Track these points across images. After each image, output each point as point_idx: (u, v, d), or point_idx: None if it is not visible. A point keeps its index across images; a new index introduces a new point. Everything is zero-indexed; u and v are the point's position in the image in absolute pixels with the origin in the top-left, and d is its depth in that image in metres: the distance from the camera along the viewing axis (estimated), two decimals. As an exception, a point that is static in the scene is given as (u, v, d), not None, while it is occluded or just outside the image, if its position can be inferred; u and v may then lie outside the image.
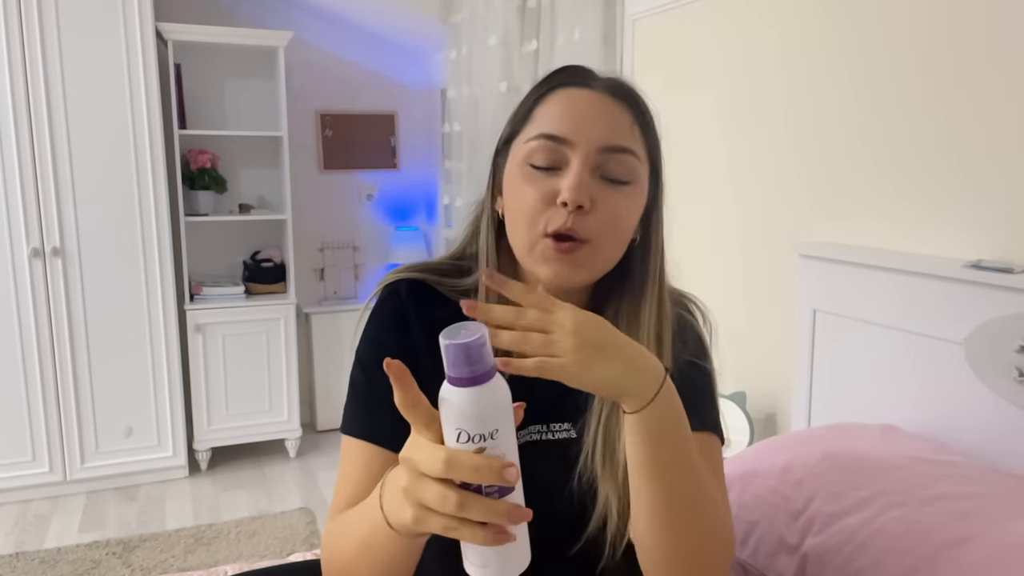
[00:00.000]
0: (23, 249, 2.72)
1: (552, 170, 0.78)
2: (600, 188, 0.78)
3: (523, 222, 0.79)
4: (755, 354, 1.94)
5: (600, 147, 0.78)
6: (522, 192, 0.79)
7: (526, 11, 2.65)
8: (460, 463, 0.52)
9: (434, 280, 0.87)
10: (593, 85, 0.80)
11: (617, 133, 0.78)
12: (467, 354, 0.51)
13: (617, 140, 0.78)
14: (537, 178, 0.78)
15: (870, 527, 1.02)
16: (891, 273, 1.44)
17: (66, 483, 2.92)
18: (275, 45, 3.15)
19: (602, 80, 0.81)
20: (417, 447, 0.56)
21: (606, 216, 0.78)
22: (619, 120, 0.79)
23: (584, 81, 0.81)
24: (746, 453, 1.34)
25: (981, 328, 1.26)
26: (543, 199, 0.78)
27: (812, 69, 1.72)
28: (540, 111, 0.81)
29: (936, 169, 1.44)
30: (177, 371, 3.01)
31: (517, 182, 0.80)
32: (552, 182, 0.78)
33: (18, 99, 2.65)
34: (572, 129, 0.78)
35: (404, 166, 3.85)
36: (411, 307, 0.85)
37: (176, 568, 2.38)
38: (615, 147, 0.78)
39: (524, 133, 0.81)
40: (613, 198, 0.78)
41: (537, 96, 0.82)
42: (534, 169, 0.79)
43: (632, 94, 0.82)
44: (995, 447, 1.27)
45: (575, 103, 0.79)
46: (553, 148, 0.78)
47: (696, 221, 2.13)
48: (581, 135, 0.77)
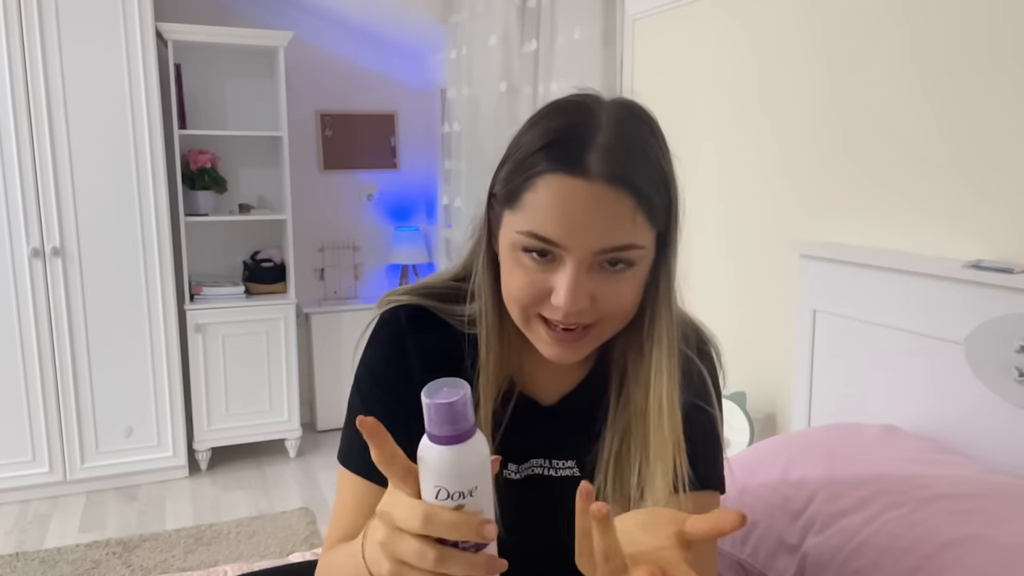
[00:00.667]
0: (23, 249, 2.72)
1: (545, 259, 0.72)
2: (599, 280, 0.72)
3: (516, 305, 0.76)
4: (755, 354, 1.94)
5: (596, 251, 0.70)
6: (514, 276, 0.74)
7: (526, 11, 2.65)
8: (439, 520, 0.52)
9: (433, 306, 0.84)
10: (589, 170, 0.69)
11: (615, 233, 0.70)
12: (450, 413, 0.51)
13: (615, 241, 0.70)
14: (529, 268, 0.73)
15: (870, 527, 1.02)
16: (891, 273, 1.44)
17: (66, 483, 2.92)
18: (275, 45, 3.15)
19: (600, 152, 0.69)
20: (395, 502, 0.55)
21: (609, 304, 0.73)
22: (617, 215, 0.70)
23: (578, 165, 0.69)
24: (746, 453, 1.34)
25: (981, 328, 1.26)
26: (536, 293, 0.73)
27: (812, 69, 1.71)
28: (530, 199, 0.71)
29: (936, 169, 1.44)
30: (177, 371, 3.01)
31: (509, 262, 0.75)
32: (545, 277, 0.72)
33: (18, 99, 2.65)
34: (564, 235, 0.69)
35: (404, 166, 3.85)
36: (410, 334, 0.83)
37: (176, 568, 2.38)
38: (613, 248, 0.70)
39: (514, 217, 0.73)
40: (614, 286, 0.73)
41: (527, 175, 0.71)
42: (526, 256, 0.72)
43: (633, 173, 0.70)
44: (995, 447, 1.27)
45: (567, 202, 0.69)
46: (545, 247, 0.71)
47: (696, 221, 2.13)
48: (574, 241, 0.69)
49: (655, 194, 0.72)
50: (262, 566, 1.29)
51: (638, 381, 0.80)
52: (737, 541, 1.18)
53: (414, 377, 0.82)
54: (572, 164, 0.69)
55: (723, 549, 1.20)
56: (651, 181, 0.72)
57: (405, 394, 0.79)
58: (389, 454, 0.55)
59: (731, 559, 1.18)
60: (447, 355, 0.83)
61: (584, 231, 0.69)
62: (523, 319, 0.76)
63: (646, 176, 0.71)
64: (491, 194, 0.78)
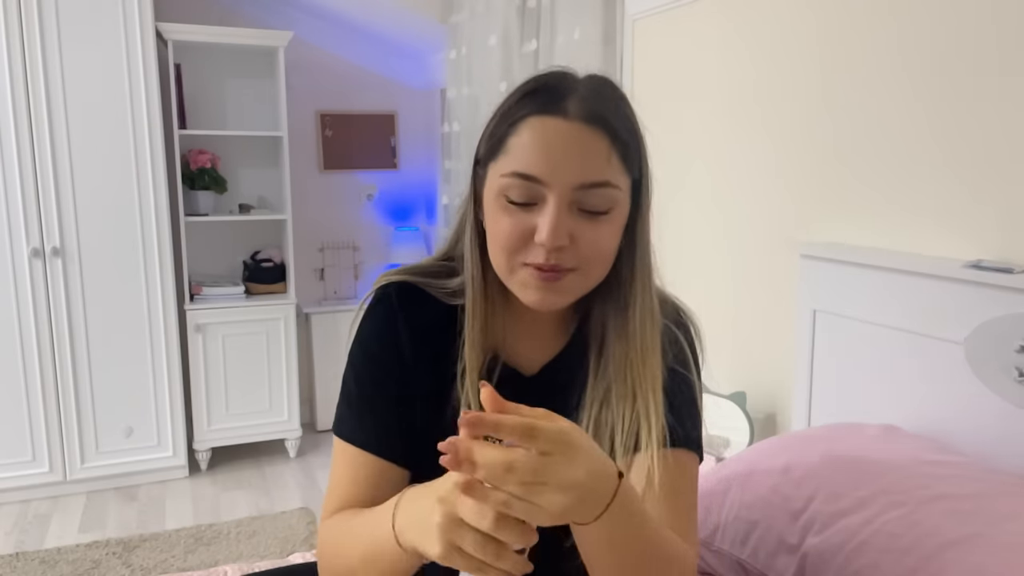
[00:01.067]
0: (23, 249, 2.72)
1: (528, 205, 0.78)
2: (579, 222, 0.77)
3: (501, 252, 0.80)
4: (755, 354, 1.94)
5: (575, 186, 0.76)
6: (500, 222, 0.79)
7: (526, 11, 2.65)
8: (507, 528, 0.58)
9: (423, 282, 0.89)
10: (567, 111, 0.77)
11: (592, 168, 0.76)
12: None
13: (592, 176, 0.76)
14: (514, 212, 0.78)
15: (870, 527, 1.02)
16: (891, 273, 1.44)
17: (66, 483, 2.92)
18: (275, 45, 3.15)
19: (577, 101, 0.77)
20: (463, 499, 0.59)
21: (588, 247, 0.78)
22: (594, 152, 0.76)
23: (558, 107, 0.77)
24: (746, 453, 1.34)
25: (981, 328, 1.26)
26: (520, 235, 0.78)
27: (812, 69, 1.72)
28: (514, 142, 0.78)
29: (936, 169, 1.44)
30: (177, 371, 3.01)
31: (494, 210, 0.80)
32: (529, 218, 0.77)
33: (18, 99, 2.65)
34: (546, 170, 0.76)
35: (404, 166, 3.85)
36: (400, 311, 0.88)
37: (176, 568, 2.38)
38: (591, 183, 0.76)
39: (499, 163, 0.79)
40: (593, 229, 0.78)
41: (512, 121, 0.79)
42: (510, 203, 0.78)
43: (608, 116, 0.78)
44: (995, 447, 1.27)
45: (548, 139, 0.76)
46: (528, 186, 0.77)
47: (696, 221, 2.13)
48: (555, 176, 0.76)
49: (628, 139, 0.80)
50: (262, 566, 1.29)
51: (619, 338, 0.84)
52: (737, 541, 1.18)
53: (404, 353, 0.87)
54: (552, 106, 0.77)
55: (723, 549, 1.20)
56: (623, 127, 0.79)
57: (396, 370, 0.87)
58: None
59: (731, 559, 1.18)
60: (435, 329, 0.88)
61: (564, 167, 0.76)
62: (508, 268, 0.80)
63: (619, 122, 0.79)
64: (476, 161, 0.85)
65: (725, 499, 1.23)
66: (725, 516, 1.21)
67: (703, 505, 1.25)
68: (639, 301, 0.84)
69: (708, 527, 1.23)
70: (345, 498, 0.86)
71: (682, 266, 2.19)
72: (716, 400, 1.94)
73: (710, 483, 1.28)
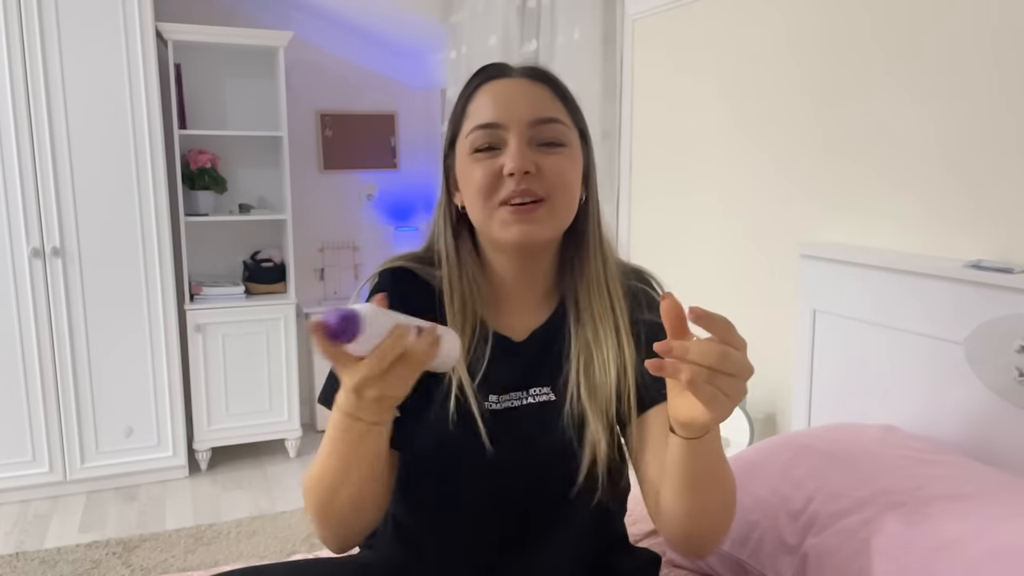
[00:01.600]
0: (23, 249, 2.72)
1: (494, 150, 0.88)
2: (540, 154, 0.88)
3: (478, 199, 0.89)
4: (755, 354, 1.94)
5: (530, 121, 0.88)
6: (473, 174, 0.89)
7: (526, 11, 2.65)
8: (373, 366, 0.68)
9: (416, 267, 0.97)
10: (512, 74, 0.92)
11: (541, 107, 0.89)
12: (343, 318, 0.64)
13: (543, 112, 0.89)
14: (483, 160, 0.88)
15: (870, 527, 1.02)
16: (891, 273, 1.44)
17: (66, 483, 2.92)
18: (275, 45, 3.15)
19: (519, 69, 0.93)
20: (343, 390, 0.72)
21: (552, 175, 0.88)
22: (541, 97, 0.90)
23: (504, 72, 0.92)
24: (746, 453, 1.34)
25: (981, 328, 1.26)
26: (492, 176, 0.87)
27: (812, 68, 1.72)
28: (471, 108, 0.91)
29: (937, 169, 1.44)
30: (177, 371, 3.01)
31: (467, 169, 0.90)
32: (497, 161, 0.88)
33: (18, 99, 2.65)
34: (502, 114, 0.88)
35: (404, 166, 3.85)
36: (392, 288, 0.94)
37: (176, 568, 2.38)
38: (543, 118, 0.88)
39: (463, 130, 0.91)
40: (554, 160, 0.88)
41: (466, 96, 0.92)
42: (479, 153, 0.89)
43: (547, 75, 0.93)
44: (995, 447, 1.27)
45: (499, 92, 0.90)
46: (490, 133, 0.88)
47: (697, 221, 2.13)
48: (511, 117, 0.88)
49: (567, 94, 0.94)
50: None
51: (583, 288, 0.94)
52: (737, 541, 1.18)
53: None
54: (498, 73, 0.92)
55: (723, 549, 1.20)
56: (562, 88, 0.94)
57: None
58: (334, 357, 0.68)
59: (731, 559, 1.18)
60: (424, 308, 0.92)
61: (516, 107, 0.88)
62: (486, 213, 0.89)
63: (559, 84, 0.94)
64: (444, 155, 0.96)
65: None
66: (725, 516, 1.21)
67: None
68: (595, 249, 0.95)
69: (708, 527, 1.23)
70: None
71: (682, 266, 2.19)
72: (716, 400, 1.94)
73: (710, 483, 1.28)
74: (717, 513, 0.83)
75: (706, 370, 0.64)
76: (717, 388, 0.65)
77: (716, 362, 0.64)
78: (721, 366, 0.64)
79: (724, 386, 0.65)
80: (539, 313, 0.97)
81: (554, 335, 0.95)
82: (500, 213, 0.88)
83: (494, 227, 0.89)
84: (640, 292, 0.97)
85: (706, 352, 0.64)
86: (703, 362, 0.64)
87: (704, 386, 0.65)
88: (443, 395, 0.89)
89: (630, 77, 2.34)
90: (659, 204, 2.28)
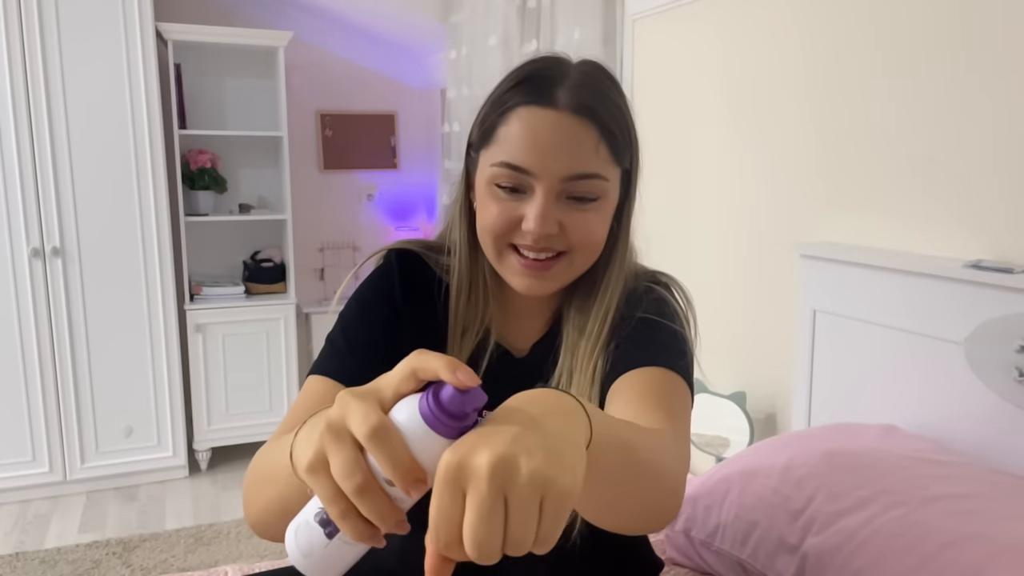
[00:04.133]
0: (23, 249, 2.72)
1: (517, 192, 0.79)
2: (567, 210, 0.79)
3: (489, 237, 0.82)
4: (755, 354, 1.94)
5: (563, 177, 0.78)
6: (489, 209, 0.81)
7: (526, 11, 2.65)
8: (387, 443, 0.44)
9: (423, 252, 0.93)
10: (556, 101, 0.77)
11: (580, 160, 0.77)
12: (461, 407, 0.45)
13: (581, 168, 0.77)
14: (503, 200, 0.80)
15: (870, 527, 1.02)
16: (891, 273, 1.44)
17: (66, 483, 2.92)
18: (275, 45, 3.15)
19: (568, 91, 0.78)
20: (360, 400, 0.47)
21: (576, 233, 0.80)
22: (583, 144, 0.77)
23: (547, 96, 0.78)
24: (746, 453, 1.34)
25: (981, 328, 1.26)
26: (508, 223, 0.80)
27: (813, 69, 1.72)
28: (503, 132, 0.79)
29: (937, 169, 1.44)
30: (177, 371, 3.01)
31: (484, 197, 0.82)
32: (517, 206, 0.80)
33: (18, 99, 2.65)
34: (534, 162, 0.77)
35: (404, 166, 3.85)
36: (397, 268, 0.91)
37: (176, 568, 2.38)
38: (579, 175, 0.78)
39: (489, 151, 0.81)
40: (582, 218, 0.80)
41: (501, 111, 0.80)
42: (500, 190, 0.80)
43: (596, 107, 0.78)
44: (995, 447, 1.27)
45: (536, 131, 0.77)
46: (518, 177, 0.78)
47: (697, 220, 2.13)
48: (543, 167, 0.77)
49: (616, 129, 0.80)
50: (262, 566, 1.29)
51: (581, 313, 0.87)
52: (737, 541, 1.18)
53: (396, 300, 0.90)
54: (541, 96, 0.78)
55: (723, 549, 1.20)
56: (612, 117, 0.80)
57: (386, 312, 0.89)
58: (423, 365, 0.48)
59: (731, 559, 1.18)
60: (427, 294, 0.91)
61: (552, 158, 0.77)
62: (496, 252, 0.83)
63: (608, 111, 0.79)
64: (469, 144, 0.87)
65: (725, 499, 1.23)
66: (725, 516, 1.21)
67: (703, 505, 1.25)
68: (607, 281, 0.87)
69: (708, 527, 1.23)
70: (297, 423, 0.72)
71: (682, 266, 2.19)
72: (716, 400, 1.94)
73: (710, 483, 1.28)
74: (644, 505, 0.64)
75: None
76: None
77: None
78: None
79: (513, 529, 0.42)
80: (542, 322, 0.93)
81: (548, 351, 0.91)
82: (511, 260, 0.82)
83: (503, 269, 0.84)
84: (643, 291, 0.89)
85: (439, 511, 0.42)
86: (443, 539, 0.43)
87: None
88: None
89: (630, 77, 2.34)
90: (659, 204, 2.28)
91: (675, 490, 0.66)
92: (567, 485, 0.42)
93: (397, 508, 0.46)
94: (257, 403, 3.24)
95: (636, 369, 0.79)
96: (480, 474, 0.41)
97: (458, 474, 0.41)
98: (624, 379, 0.79)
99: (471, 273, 0.89)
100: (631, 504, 0.61)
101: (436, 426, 0.45)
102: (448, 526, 0.41)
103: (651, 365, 0.79)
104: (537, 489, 0.41)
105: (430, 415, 0.45)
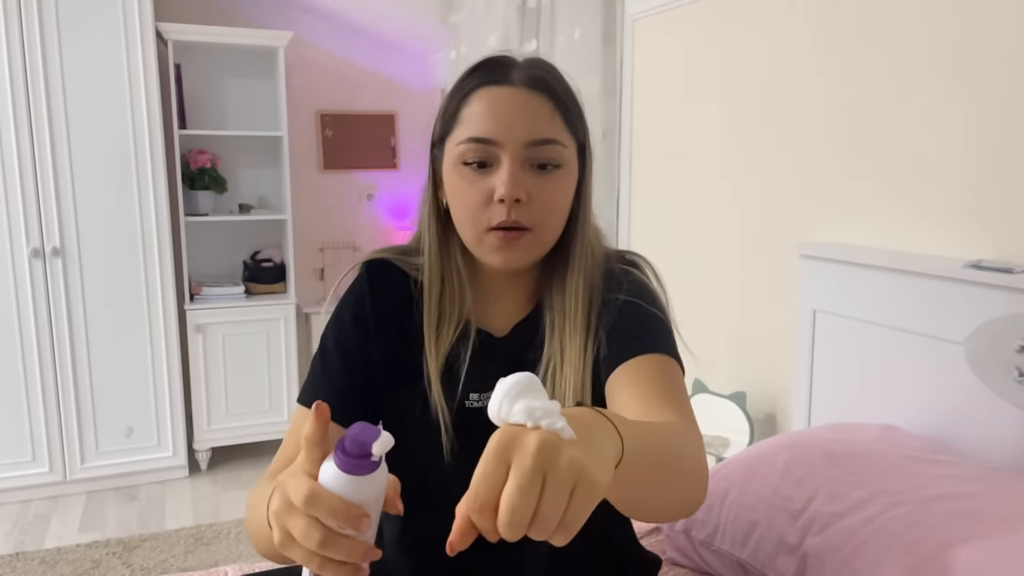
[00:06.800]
0: (23, 249, 2.72)
1: (485, 166, 0.85)
2: (533, 178, 0.85)
3: (467, 220, 0.87)
4: (755, 354, 1.94)
5: (525, 142, 0.84)
6: (461, 191, 0.87)
7: (526, 11, 2.65)
8: (321, 502, 0.52)
9: (396, 259, 0.97)
10: (512, 80, 0.86)
11: (539, 127, 0.85)
12: (361, 447, 0.53)
13: (540, 133, 0.84)
14: (473, 177, 0.86)
15: (870, 527, 1.02)
16: (891, 273, 1.44)
17: (66, 483, 2.92)
18: (275, 45, 3.15)
19: (520, 71, 0.86)
20: (293, 474, 0.56)
21: (543, 204, 0.86)
22: (539, 113, 0.85)
23: (503, 77, 0.86)
24: (746, 453, 1.34)
25: (981, 328, 1.26)
26: (482, 198, 0.85)
27: (813, 68, 1.72)
28: (466, 113, 0.86)
29: (937, 169, 1.44)
30: (177, 371, 3.01)
31: (455, 180, 0.87)
32: (488, 180, 0.85)
33: (18, 99, 2.65)
34: (497, 130, 0.84)
35: (404, 166, 3.85)
36: (367, 284, 0.94)
37: (176, 568, 2.38)
38: (539, 140, 0.84)
39: (455, 135, 0.87)
40: (547, 186, 0.86)
41: (462, 96, 0.87)
42: (468, 167, 0.86)
43: (549, 83, 0.87)
44: (995, 447, 1.27)
45: (496, 103, 0.85)
46: (483, 149, 0.84)
47: (697, 220, 2.13)
48: (506, 135, 0.84)
49: (569, 103, 0.88)
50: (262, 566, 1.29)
51: (559, 292, 0.91)
52: (737, 541, 1.18)
53: (369, 320, 0.94)
54: (497, 76, 0.86)
55: (723, 549, 1.20)
56: (564, 92, 0.88)
57: (361, 336, 0.93)
58: (319, 437, 0.56)
59: (731, 559, 1.18)
60: (401, 299, 0.95)
61: (513, 126, 0.84)
62: (475, 237, 0.87)
63: (559, 87, 0.88)
64: (432, 144, 0.93)
65: (725, 499, 1.23)
66: (725, 516, 1.21)
67: (703, 505, 1.25)
68: (578, 259, 0.91)
69: (708, 527, 1.23)
70: (289, 460, 0.85)
71: (682, 265, 2.19)
72: (716, 400, 1.94)
73: (710, 483, 1.28)
74: (675, 495, 0.68)
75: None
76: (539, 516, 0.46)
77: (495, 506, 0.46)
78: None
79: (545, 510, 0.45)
80: (522, 307, 0.96)
81: (534, 331, 0.94)
82: (489, 238, 0.86)
83: (482, 251, 0.88)
84: (618, 275, 0.92)
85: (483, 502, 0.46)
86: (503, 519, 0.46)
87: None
88: (422, 397, 0.90)
89: (630, 77, 2.34)
90: (659, 203, 2.27)
91: (700, 477, 0.72)
92: (599, 479, 0.47)
93: (361, 541, 0.54)
94: (257, 403, 3.24)
95: (633, 359, 0.83)
96: (528, 449, 0.45)
97: (508, 445, 0.46)
98: (623, 371, 0.83)
99: (443, 266, 0.93)
100: (665, 500, 0.68)
101: (351, 469, 0.53)
102: (488, 490, 0.46)
103: (646, 353, 0.84)
104: (573, 475, 0.46)
105: (343, 463, 0.53)
